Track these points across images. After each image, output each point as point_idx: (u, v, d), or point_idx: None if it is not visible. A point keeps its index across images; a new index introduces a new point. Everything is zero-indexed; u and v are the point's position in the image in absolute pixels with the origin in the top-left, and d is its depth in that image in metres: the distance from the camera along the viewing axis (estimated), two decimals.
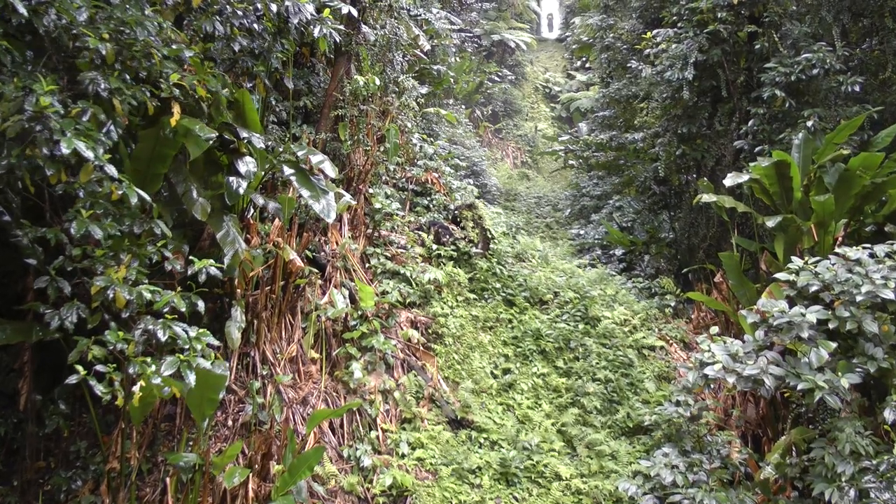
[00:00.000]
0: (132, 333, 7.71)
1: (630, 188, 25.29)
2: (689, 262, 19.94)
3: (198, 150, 8.80)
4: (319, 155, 10.45)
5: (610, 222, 27.16)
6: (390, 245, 15.26)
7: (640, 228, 25.43)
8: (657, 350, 14.99)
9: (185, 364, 7.43)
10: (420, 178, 17.17)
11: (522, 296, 15.51)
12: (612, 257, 25.35)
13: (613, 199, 29.19)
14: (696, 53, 16.90)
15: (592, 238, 27.71)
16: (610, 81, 27.46)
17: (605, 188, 30.61)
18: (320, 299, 13.41)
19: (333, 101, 15.81)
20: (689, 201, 19.86)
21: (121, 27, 8.05)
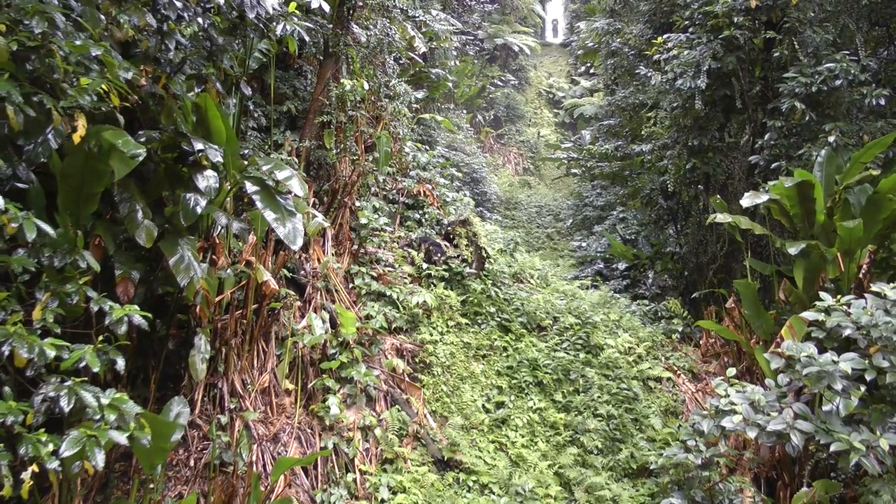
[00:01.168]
0: (32, 401, 6.20)
1: (635, 200, 24.00)
2: (697, 280, 18.72)
3: (124, 167, 7.51)
4: (287, 170, 9.13)
5: (613, 234, 26.00)
6: (377, 263, 14.03)
7: (644, 241, 24.27)
8: (664, 382, 13.74)
9: (91, 441, 5.90)
10: (412, 190, 15.89)
11: (519, 321, 14.24)
12: (614, 271, 24.22)
13: (617, 209, 28.07)
14: (710, 61, 15.66)
15: (595, 250, 26.62)
16: (615, 88, 26.14)
17: (609, 198, 29.49)
18: (298, 323, 12.23)
19: (319, 107, 14.63)
20: (698, 217, 18.64)
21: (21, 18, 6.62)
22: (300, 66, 15.95)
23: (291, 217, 8.91)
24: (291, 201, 9.16)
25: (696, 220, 18.77)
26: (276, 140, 14.32)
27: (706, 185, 18.03)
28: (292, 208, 9.04)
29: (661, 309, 16.59)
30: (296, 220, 8.90)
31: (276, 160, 9.64)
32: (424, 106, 25.24)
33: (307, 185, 14.28)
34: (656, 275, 21.34)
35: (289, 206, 9.03)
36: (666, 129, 18.28)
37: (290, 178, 9.07)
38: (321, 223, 10.89)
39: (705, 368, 14.54)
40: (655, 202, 21.54)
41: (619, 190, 27.20)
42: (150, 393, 9.88)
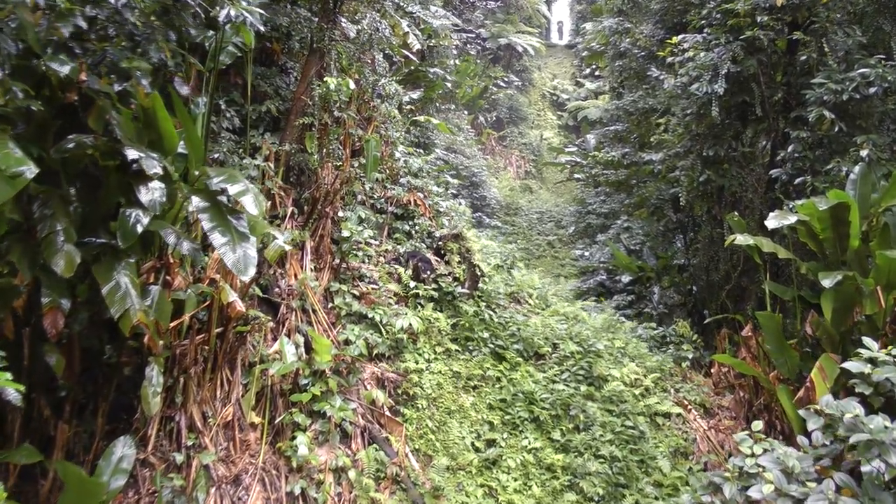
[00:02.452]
0: None
1: (641, 210, 22.59)
2: (707, 299, 17.39)
3: (9, 189, 6.07)
4: (241, 183, 7.71)
5: (617, 244, 24.64)
6: (360, 280, 12.65)
7: (649, 253, 22.92)
8: (673, 418, 12.35)
9: None
10: (401, 198, 14.46)
11: (515, 348, 12.82)
12: (617, 283, 22.93)
13: (621, 218, 26.66)
14: (729, 63, 14.27)
15: (597, 260, 25.31)
16: (622, 91, 24.66)
17: (613, 206, 28.12)
18: (269, 347, 10.92)
19: (301, 107, 13.26)
20: (710, 231, 17.23)
21: None
22: (284, 63, 14.58)
23: (243, 241, 7.51)
24: (245, 221, 7.77)
25: (709, 235, 17.37)
26: (255, 143, 12.97)
27: (719, 197, 16.62)
28: (245, 230, 7.64)
29: (670, 333, 15.17)
30: (247, 244, 7.50)
31: (230, 171, 8.23)
32: (422, 106, 23.87)
33: (286, 192, 13.01)
34: (662, 290, 19.97)
35: (241, 226, 7.63)
36: (678, 136, 16.84)
37: (243, 192, 7.67)
38: (281, 245, 9.36)
39: (718, 402, 13.16)
40: (664, 213, 20.13)
41: (623, 198, 25.80)
42: (98, 427, 8.75)
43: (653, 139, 19.83)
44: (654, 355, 13.98)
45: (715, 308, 17.06)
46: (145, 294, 8.37)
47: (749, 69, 14.34)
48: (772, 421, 11.92)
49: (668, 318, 18.26)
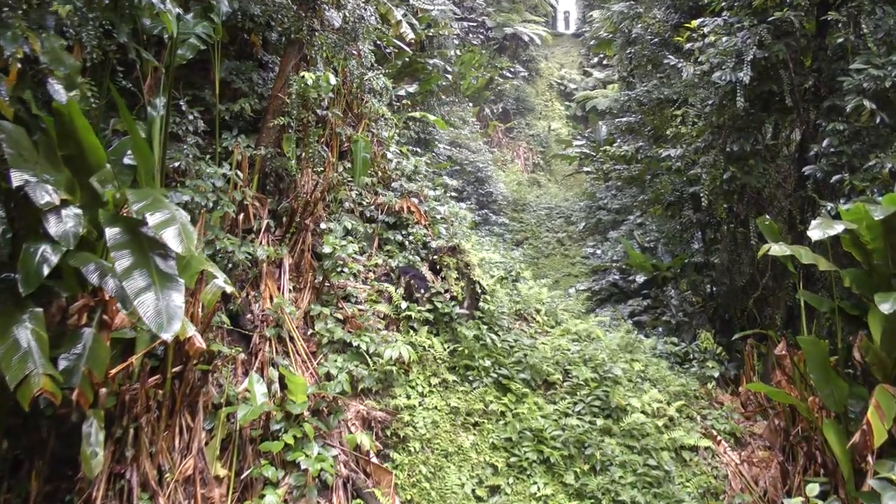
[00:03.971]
0: None
1: (656, 207, 20.91)
2: (730, 305, 15.73)
3: None
4: (164, 211, 6.06)
5: (630, 241, 22.97)
6: (345, 301, 11.05)
7: (664, 250, 21.26)
8: (700, 451, 10.74)
9: None
10: (393, 205, 12.79)
11: (521, 377, 11.15)
12: (632, 283, 21.35)
13: (634, 213, 24.99)
14: (755, 49, 12.62)
15: (610, 259, 23.73)
16: (632, 80, 22.91)
17: (625, 200, 26.50)
18: (239, 385, 9.38)
19: (279, 105, 11.68)
20: (732, 231, 15.57)
21: None
22: (261, 58, 12.99)
23: (167, 287, 5.92)
24: (174, 260, 6.16)
25: (730, 235, 15.70)
26: (228, 146, 11.40)
27: (740, 195, 14.94)
28: (172, 270, 6.06)
29: (693, 349, 13.50)
30: (173, 291, 5.92)
31: (155, 193, 6.63)
32: (423, 100, 22.27)
33: (261, 202, 11.46)
34: (680, 294, 18.34)
35: (167, 266, 6.06)
36: (697, 130, 15.17)
37: (165, 224, 6.05)
38: (221, 286, 7.61)
39: (750, 429, 11.55)
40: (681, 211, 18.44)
41: (636, 192, 24.12)
42: (34, 490, 7.36)
43: (669, 132, 18.11)
44: (678, 377, 12.37)
45: (739, 314, 15.46)
46: (74, 340, 6.87)
47: (778, 54, 12.70)
48: (811, 452, 10.38)
49: (688, 326, 16.63)
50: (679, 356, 13.64)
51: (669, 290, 19.20)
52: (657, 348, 13.65)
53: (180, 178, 10.30)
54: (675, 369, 12.93)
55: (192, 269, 6.50)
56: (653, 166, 20.02)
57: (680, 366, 13.28)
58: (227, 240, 10.13)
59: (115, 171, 8.64)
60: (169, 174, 10.20)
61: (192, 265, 6.44)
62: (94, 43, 8.91)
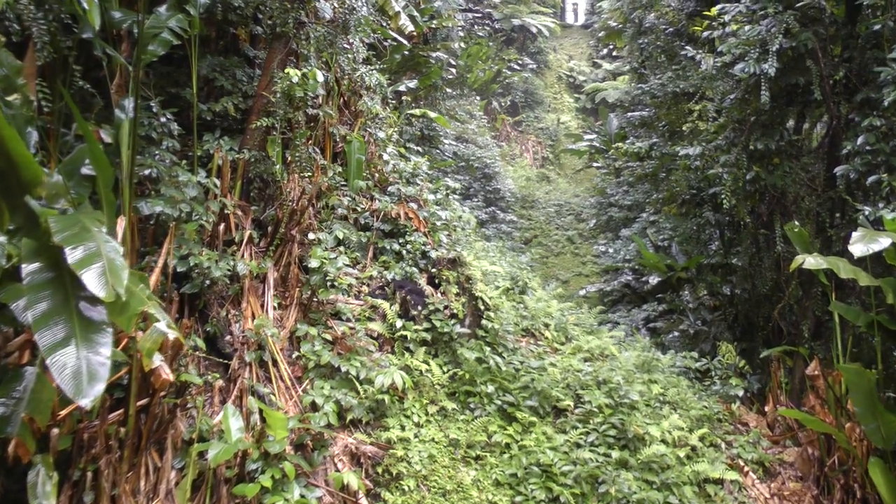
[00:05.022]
0: None
1: (671, 206, 19.78)
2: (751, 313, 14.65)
3: None
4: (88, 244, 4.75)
5: (643, 239, 21.86)
6: (335, 319, 9.97)
7: (678, 249, 20.17)
8: (727, 484, 9.63)
9: None
10: (390, 211, 11.67)
11: (528, 404, 9.94)
12: (645, 284, 20.31)
13: (647, 210, 23.87)
14: (780, 38, 11.55)
15: (622, 258, 22.65)
16: (643, 72, 21.75)
17: (637, 197, 25.34)
18: (215, 416, 8.35)
19: (263, 105, 10.63)
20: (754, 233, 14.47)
21: None
22: (248, 53, 11.91)
23: (91, 340, 4.83)
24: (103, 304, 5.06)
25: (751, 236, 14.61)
26: (209, 149, 10.34)
27: (762, 195, 13.84)
28: (100, 316, 4.96)
29: (716, 366, 12.34)
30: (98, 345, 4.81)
31: (83, 219, 5.46)
32: (426, 94, 21.19)
33: (244, 211, 10.40)
34: (697, 298, 17.24)
35: (94, 313, 4.95)
36: (717, 126, 14.06)
37: (88, 261, 4.91)
38: (164, 331, 6.37)
39: (779, 456, 10.45)
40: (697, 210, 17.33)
41: (648, 188, 22.98)
42: None
43: (685, 127, 16.96)
44: (699, 398, 11.24)
45: (761, 322, 14.39)
46: (14, 381, 5.85)
47: (807, 44, 11.61)
48: (848, 485, 9.35)
49: (707, 335, 15.53)
50: (699, 372, 12.52)
51: (685, 292, 18.11)
52: (675, 361, 12.50)
53: (154, 187, 9.24)
54: (695, 387, 11.81)
55: (131, 310, 5.37)
56: (666, 162, 18.90)
57: (700, 382, 12.17)
58: (205, 254, 9.07)
59: (70, 183, 7.64)
60: (142, 181, 9.17)
61: (130, 306, 5.34)
62: (45, 39, 7.92)
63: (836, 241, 12.17)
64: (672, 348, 15.75)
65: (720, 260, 16.44)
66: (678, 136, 18.05)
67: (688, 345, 15.79)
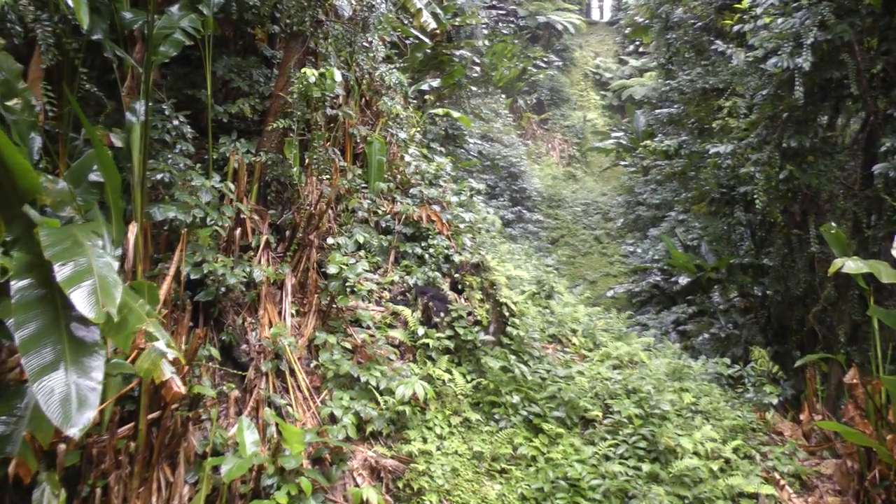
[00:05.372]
0: None
1: (700, 205, 19.28)
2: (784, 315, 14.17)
3: None
4: (79, 260, 4.37)
5: (672, 238, 21.36)
6: (354, 326, 9.60)
7: (707, 249, 19.67)
8: (762, 499, 9.16)
9: None
10: (412, 214, 11.29)
11: (555, 415, 9.49)
12: (674, 285, 19.81)
13: (675, 209, 23.36)
14: (815, 31, 11.09)
15: (650, 258, 22.15)
16: (671, 68, 21.21)
17: (665, 195, 24.83)
18: (229, 429, 8.01)
19: (280, 106, 10.28)
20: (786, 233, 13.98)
21: None
22: (265, 53, 11.57)
23: (82, 363, 4.46)
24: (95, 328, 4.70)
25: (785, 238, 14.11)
26: (225, 152, 10.02)
27: (795, 195, 13.35)
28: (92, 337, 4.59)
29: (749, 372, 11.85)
30: (89, 369, 4.45)
31: (76, 232, 5.09)
32: (450, 94, 20.79)
33: (260, 215, 10.06)
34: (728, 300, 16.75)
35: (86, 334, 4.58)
36: (748, 123, 13.57)
37: (77, 278, 4.52)
38: (163, 351, 5.88)
39: (816, 468, 9.98)
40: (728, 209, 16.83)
41: (677, 187, 22.46)
42: None
43: (715, 124, 16.47)
44: (733, 408, 10.78)
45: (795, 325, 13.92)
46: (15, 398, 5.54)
47: (843, 36, 11.13)
48: (890, 500, 8.86)
49: (738, 339, 15.05)
50: (732, 378, 12.05)
51: (715, 294, 17.63)
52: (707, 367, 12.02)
53: (167, 192, 8.93)
54: (727, 394, 11.36)
55: (128, 328, 4.99)
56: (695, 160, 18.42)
57: (733, 389, 11.70)
58: (219, 261, 8.73)
59: (78, 189, 7.34)
60: (155, 186, 8.86)
61: (128, 323, 4.96)
62: (49, 41, 7.61)
63: (873, 242, 11.70)
64: (702, 352, 15.33)
65: (751, 260, 15.96)
66: (707, 134, 17.57)
67: (719, 348, 15.32)
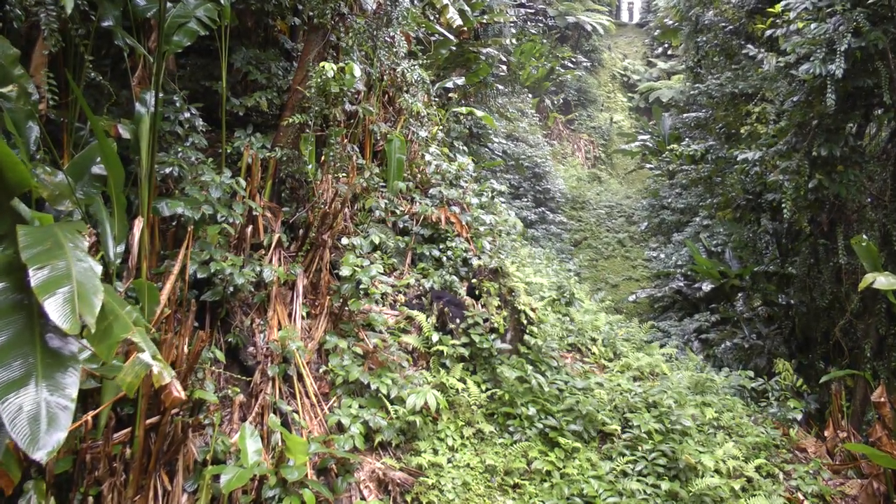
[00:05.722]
0: None
1: (726, 211, 18.80)
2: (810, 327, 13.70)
3: None
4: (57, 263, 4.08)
5: (696, 244, 20.89)
6: (367, 330, 9.22)
7: (731, 255, 19.20)
8: None
9: None
10: (430, 216, 10.89)
11: (571, 428, 9.03)
12: (697, 291, 19.32)
13: (700, 214, 22.87)
14: (849, 37, 10.65)
15: (674, 263, 21.66)
16: (699, 71, 20.71)
17: (690, 200, 24.34)
18: (232, 435, 7.67)
19: (298, 100, 9.93)
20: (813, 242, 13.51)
21: None
22: (286, 46, 11.22)
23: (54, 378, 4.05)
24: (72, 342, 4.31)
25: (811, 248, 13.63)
26: (241, 146, 9.68)
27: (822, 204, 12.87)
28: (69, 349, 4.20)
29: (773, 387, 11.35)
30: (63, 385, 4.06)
31: (60, 234, 4.68)
32: (476, 92, 20.39)
33: (274, 213, 9.71)
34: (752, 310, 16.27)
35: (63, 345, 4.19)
36: (778, 130, 13.09)
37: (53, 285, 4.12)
38: (148, 364, 5.17)
39: (841, 488, 9.51)
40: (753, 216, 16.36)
41: (702, 191, 21.98)
42: None
43: (743, 130, 15.99)
44: (756, 423, 10.32)
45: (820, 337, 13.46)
46: None
47: (877, 43, 10.68)
48: None
49: (761, 349, 14.57)
50: (755, 392, 11.58)
51: (739, 302, 17.14)
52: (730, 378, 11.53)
53: (178, 186, 8.59)
54: (750, 408, 10.91)
55: (112, 337, 4.57)
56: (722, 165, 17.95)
57: (756, 402, 11.25)
58: (228, 260, 8.37)
59: (80, 183, 7.01)
60: (165, 180, 8.53)
61: (112, 331, 4.55)
62: (53, 26, 7.26)
63: None
64: (725, 361, 14.90)
65: (776, 269, 15.48)
66: (735, 139, 17.10)
67: (742, 358, 14.86)
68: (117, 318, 4.70)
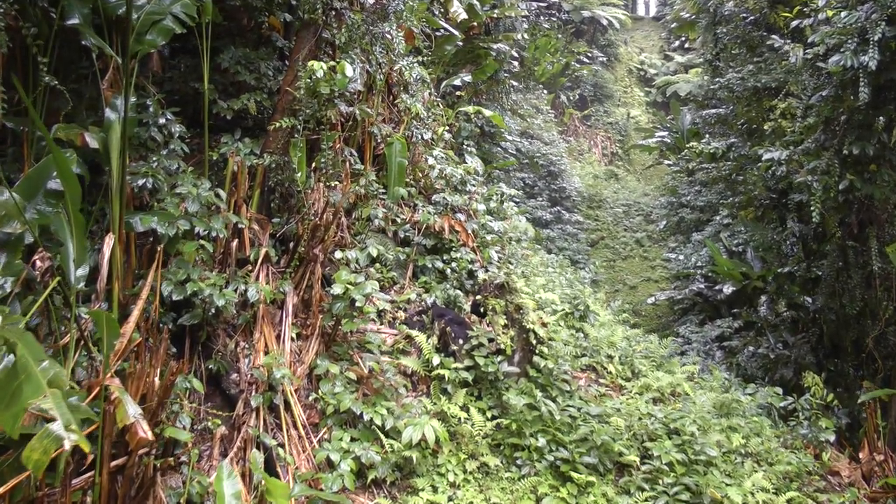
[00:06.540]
0: None
1: (748, 210, 17.89)
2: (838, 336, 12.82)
3: None
4: None
5: (716, 244, 19.97)
6: (362, 352, 8.39)
7: (753, 255, 18.29)
8: None
9: None
10: (432, 224, 10.06)
11: (585, 460, 8.06)
12: (718, 294, 18.42)
13: (721, 213, 21.92)
14: (883, 26, 9.80)
15: (693, 263, 20.74)
16: (718, 64, 19.75)
17: (711, 197, 23.37)
18: (210, 474, 6.89)
19: (288, 103, 9.11)
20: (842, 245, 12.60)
21: None
22: (276, 43, 10.40)
23: None
24: None
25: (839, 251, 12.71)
26: (226, 153, 8.89)
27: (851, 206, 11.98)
28: None
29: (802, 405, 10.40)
30: None
31: None
32: (488, 89, 19.55)
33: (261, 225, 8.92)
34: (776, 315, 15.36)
35: None
36: (805, 127, 12.19)
37: None
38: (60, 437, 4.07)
39: None
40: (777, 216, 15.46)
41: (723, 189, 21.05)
42: None
43: (766, 126, 15.07)
44: (786, 448, 9.43)
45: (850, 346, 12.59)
46: None
47: None
48: None
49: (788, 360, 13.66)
50: (784, 411, 10.69)
51: (762, 306, 16.22)
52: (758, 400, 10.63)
53: (156, 198, 7.81)
54: (779, 428, 10.03)
55: (20, 402, 3.66)
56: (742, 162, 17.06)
57: (784, 422, 10.36)
58: (208, 279, 7.57)
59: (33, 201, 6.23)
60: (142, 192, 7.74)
61: (20, 395, 3.65)
62: None
63: None
64: (749, 370, 14.00)
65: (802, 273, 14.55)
66: (758, 136, 16.16)
67: (767, 367, 13.95)
68: (29, 377, 3.86)
